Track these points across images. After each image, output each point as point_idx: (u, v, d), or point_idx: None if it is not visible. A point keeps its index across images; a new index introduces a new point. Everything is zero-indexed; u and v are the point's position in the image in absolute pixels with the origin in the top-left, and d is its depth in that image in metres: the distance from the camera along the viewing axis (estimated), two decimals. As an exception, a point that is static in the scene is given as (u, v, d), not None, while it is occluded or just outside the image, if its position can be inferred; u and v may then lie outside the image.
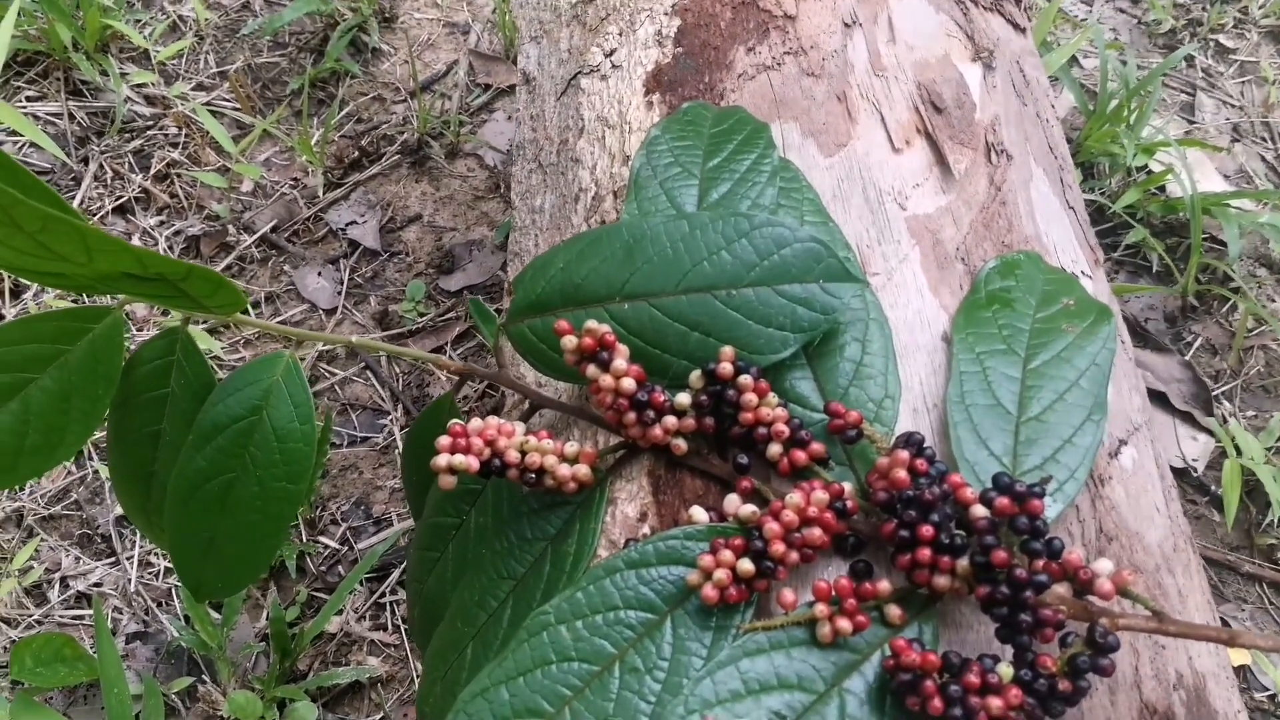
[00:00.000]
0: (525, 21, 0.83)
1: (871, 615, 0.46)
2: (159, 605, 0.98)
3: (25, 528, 1.01)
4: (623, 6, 0.72)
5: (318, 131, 1.37)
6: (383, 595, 0.99)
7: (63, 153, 1.28)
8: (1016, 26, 0.79)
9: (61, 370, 0.58)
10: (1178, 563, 0.57)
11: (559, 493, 0.51)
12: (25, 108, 1.34)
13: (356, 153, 1.37)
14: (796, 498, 0.46)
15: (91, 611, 0.95)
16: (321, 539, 1.03)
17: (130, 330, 1.17)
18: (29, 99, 1.36)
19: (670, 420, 0.50)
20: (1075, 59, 1.51)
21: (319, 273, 1.25)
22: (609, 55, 0.70)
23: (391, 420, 1.13)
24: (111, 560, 1.00)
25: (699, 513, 0.49)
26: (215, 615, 0.94)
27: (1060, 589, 0.46)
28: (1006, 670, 0.44)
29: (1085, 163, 1.36)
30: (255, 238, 1.27)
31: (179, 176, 1.31)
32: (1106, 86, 1.34)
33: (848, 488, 0.48)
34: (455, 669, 0.53)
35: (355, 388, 1.16)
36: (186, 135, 1.35)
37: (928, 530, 0.45)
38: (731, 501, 0.49)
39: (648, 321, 0.51)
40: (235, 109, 1.40)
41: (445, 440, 0.50)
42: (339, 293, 1.24)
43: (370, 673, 0.92)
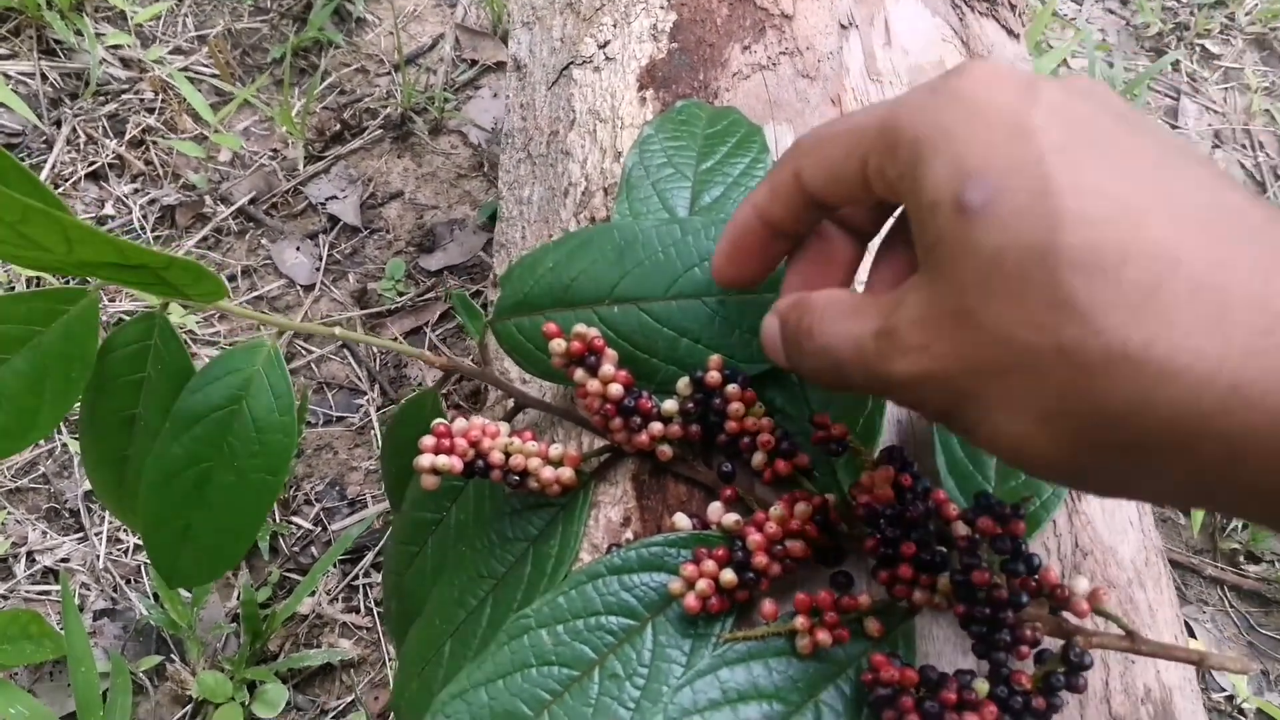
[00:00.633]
0: (517, 6, 0.82)
1: (851, 628, 0.47)
2: (127, 582, 0.97)
3: (-8, 500, 1.00)
4: (617, -3, 0.71)
5: (299, 102, 1.35)
6: (356, 578, 0.99)
7: (34, 115, 1.26)
8: (1010, 32, 0.79)
9: (35, 352, 0.57)
10: (1149, 576, 0.58)
11: (542, 494, 0.51)
12: (-3, 67, 1.31)
13: (338, 125, 1.35)
14: (780, 509, 0.46)
15: (58, 587, 0.94)
16: (295, 519, 1.02)
17: (104, 302, 1.15)
18: None
19: (656, 426, 0.50)
20: (1064, 60, 1.51)
21: (297, 248, 1.24)
22: (603, 47, 0.70)
23: (368, 400, 1.12)
24: (80, 536, 0.99)
25: (682, 520, 0.49)
26: (185, 594, 0.93)
27: (1036, 607, 0.46)
28: (983, 686, 0.45)
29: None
30: (233, 209, 1.25)
31: (155, 144, 1.29)
32: (1091, 88, 1.34)
33: (831, 499, 0.48)
34: (432, 666, 0.53)
35: (331, 366, 1.15)
36: (163, 101, 1.32)
37: (909, 547, 0.45)
38: (715, 509, 0.49)
39: (637, 326, 0.51)
40: (214, 76, 1.37)
41: (429, 440, 0.49)
42: (317, 269, 1.22)
43: (342, 655, 0.92)
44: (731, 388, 0.49)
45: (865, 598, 0.47)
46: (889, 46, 0.69)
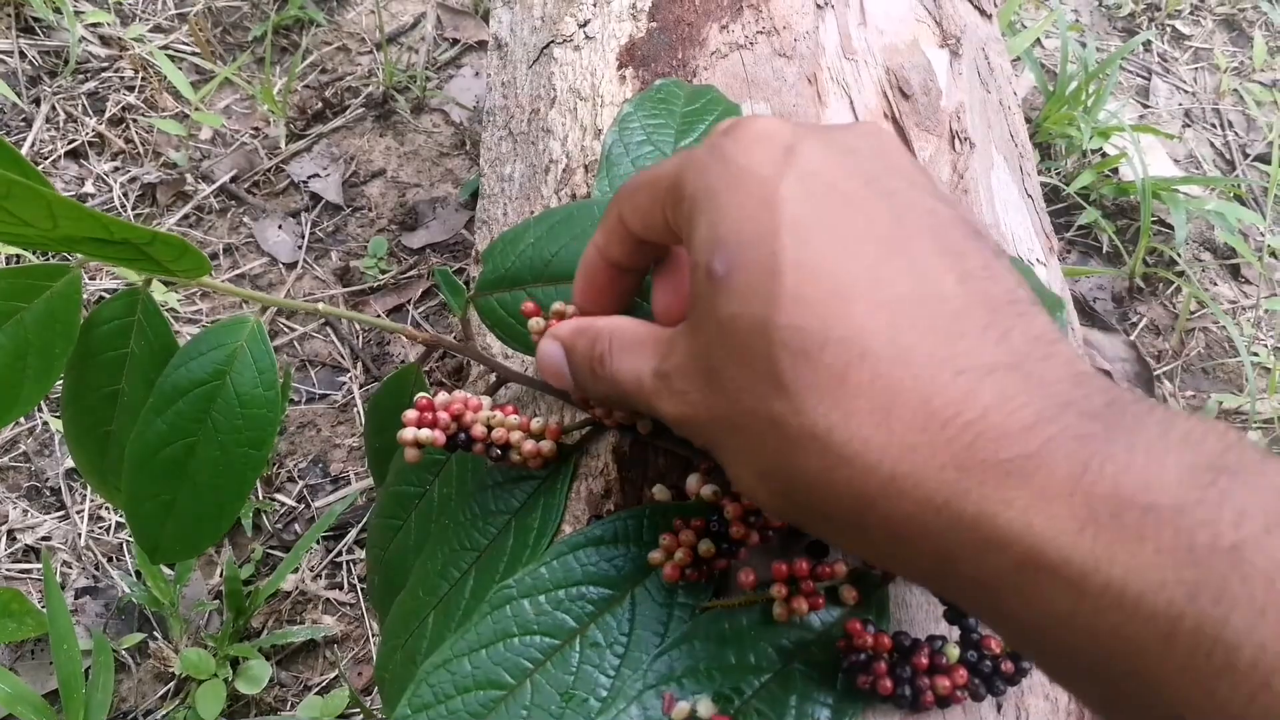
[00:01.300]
0: (497, -15, 0.82)
1: (827, 596, 0.48)
2: (109, 560, 0.97)
3: (-27, 478, 1.00)
4: (597, -24, 0.72)
5: (280, 80, 1.35)
6: (339, 554, 0.99)
7: (13, 93, 1.25)
8: (983, 12, 0.80)
9: (17, 328, 0.57)
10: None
11: (524, 467, 0.52)
12: (-28, 44, 1.30)
13: (320, 104, 1.35)
14: (757, 480, 0.47)
15: (40, 565, 0.94)
16: (278, 496, 1.02)
17: (84, 280, 1.15)
18: (-24, 35, 1.31)
19: (636, 400, 0.51)
20: (1037, 39, 1.52)
21: (279, 225, 1.24)
22: (583, 26, 0.70)
23: (350, 378, 1.12)
24: (61, 514, 0.99)
25: (662, 491, 0.50)
26: (167, 572, 0.93)
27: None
28: (953, 651, 0.46)
29: (1043, 143, 1.38)
30: (214, 187, 1.25)
31: (135, 122, 1.28)
32: (1066, 68, 1.36)
33: (807, 471, 0.49)
34: (416, 638, 0.54)
35: (314, 344, 1.15)
36: (143, 79, 1.32)
37: (883, 516, 0.46)
38: (693, 481, 0.50)
39: (616, 301, 0.52)
40: (194, 54, 1.36)
41: (412, 414, 0.50)
42: (300, 246, 1.22)
43: (325, 631, 0.92)
44: (709, 362, 0.50)
45: (841, 566, 0.48)
46: (864, 26, 0.70)
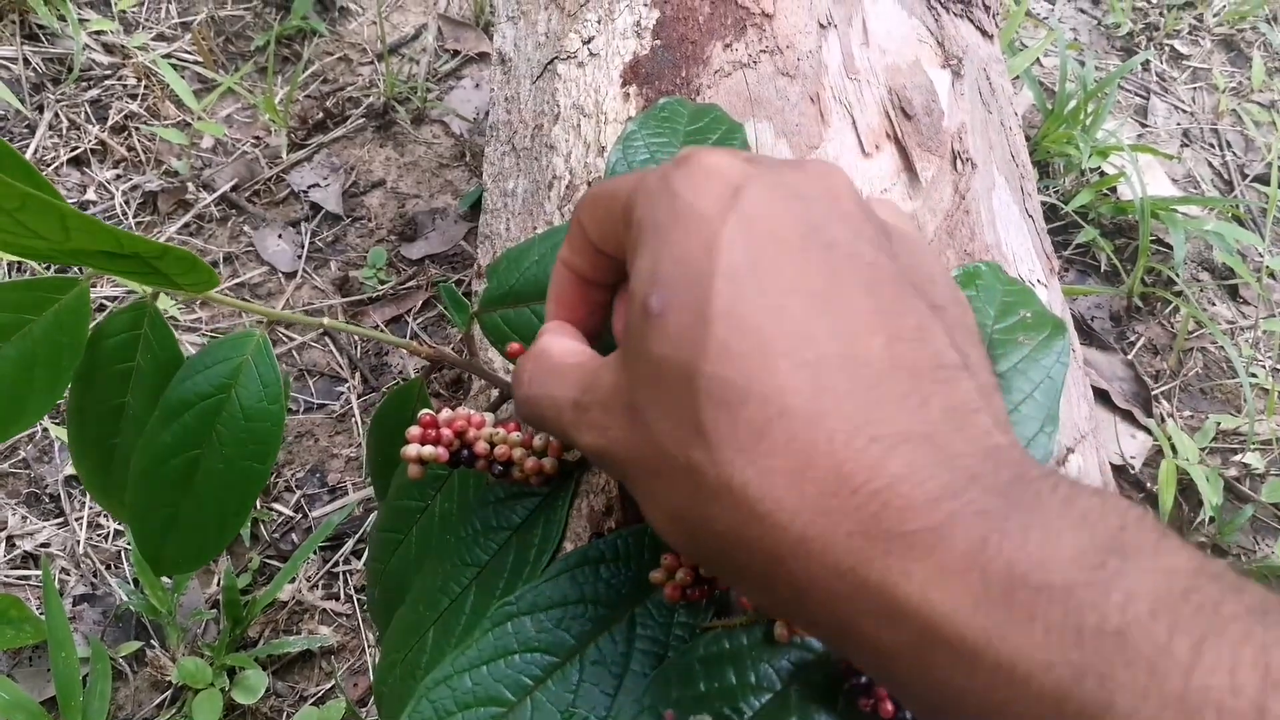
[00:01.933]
0: (502, 1, 0.83)
1: (825, 615, 0.48)
2: (108, 568, 0.97)
3: (-28, 485, 1.00)
4: (602, -6, 0.72)
5: (282, 90, 1.35)
6: (336, 564, 0.99)
7: (16, 99, 1.25)
8: (985, 33, 0.80)
9: (25, 340, 0.57)
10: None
11: (526, 484, 0.52)
12: (-24, 50, 1.30)
13: (321, 114, 1.35)
14: (758, 500, 0.48)
15: (38, 572, 0.94)
16: (275, 506, 1.03)
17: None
18: (-20, 41, 1.32)
19: (638, 418, 0.51)
20: (1038, 58, 1.53)
21: (279, 235, 1.24)
22: (587, 43, 0.71)
23: (349, 388, 1.12)
24: (60, 521, 0.99)
25: (663, 510, 0.50)
26: (165, 581, 0.93)
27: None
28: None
29: (1041, 162, 1.39)
30: (215, 196, 1.25)
31: (137, 130, 1.29)
32: (1065, 87, 1.36)
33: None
34: (415, 652, 0.54)
35: (313, 353, 1.16)
36: (146, 87, 1.32)
37: (883, 537, 0.47)
38: (695, 500, 0.50)
39: (619, 319, 0.52)
40: (197, 63, 1.37)
41: (415, 431, 0.50)
42: (299, 256, 1.22)
43: (321, 642, 0.92)
44: (712, 381, 0.50)
45: (839, 586, 0.48)
46: (866, 46, 0.70)
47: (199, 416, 0.56)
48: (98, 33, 1.35)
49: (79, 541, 0.98)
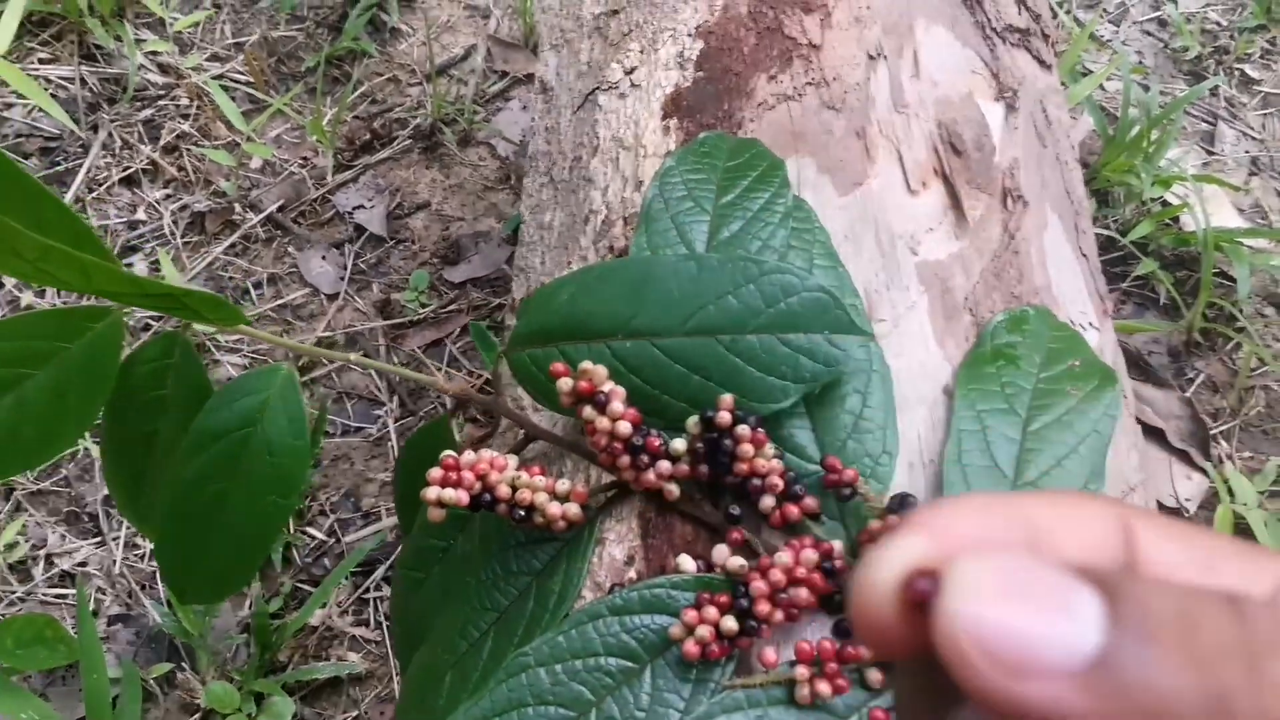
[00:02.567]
0: (546, 28, 0.82)
1: (852, 678, 0.46)
2: (142, 588, 0.98)
3: (13, 502, 1.01)
4: (645, 24, 0.71)
5: (330, 111, 1.36)
6: (367, 590, 0.99)
7: (71, 120, 1.27)
8: (1042, 63, 0.78)
9: (59, 368, 0.57)
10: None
11: (548, 529, 0.51)
12: (37, 70, 1.33)
13: (368, 135, 1.36)
14: (785, 557, 0.46)
15: (74, 591, 0.95)
16: (309, 530, 1.02)
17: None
18: (41, 61, 1.34)
19: (664, 465, 0.49)
20: (1100, 84, 1.49)
21: (323, 256, 1.24)
22: (629, 73, 0.69)
23: (386, 412, 1.12)
24: (98, 540, 1.00)
25: (687, 562, 0.49)
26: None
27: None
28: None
29: (1100, 190, 1.35)
30: (261, 217, 1.26)
31: (188, 150, 1.30)
32: (1128, 113, 1.33)
33: (837, 546, 0.47)
34: (432, 695, 0.53)
35: (352, 376, 1.16)
36: (198, 108, 1.34)
37: (917, 600, 0.44)
38: (720, 552, 0.48)
39: (649, 361, 0.51)
40: (249, 84, 1.38)
41: (436, 473, 0.49)
42: (342, 278, 1.23)
43: (350, 669, 0.92)
44: (742, 429, 0.48)
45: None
46: (917, 78, 0.68)
47: (226, 450, 0.56)
48: (153, 53, 1.37)
49: (115, 561, 0.98)
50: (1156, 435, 1.19)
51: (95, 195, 1.26)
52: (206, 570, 0.60)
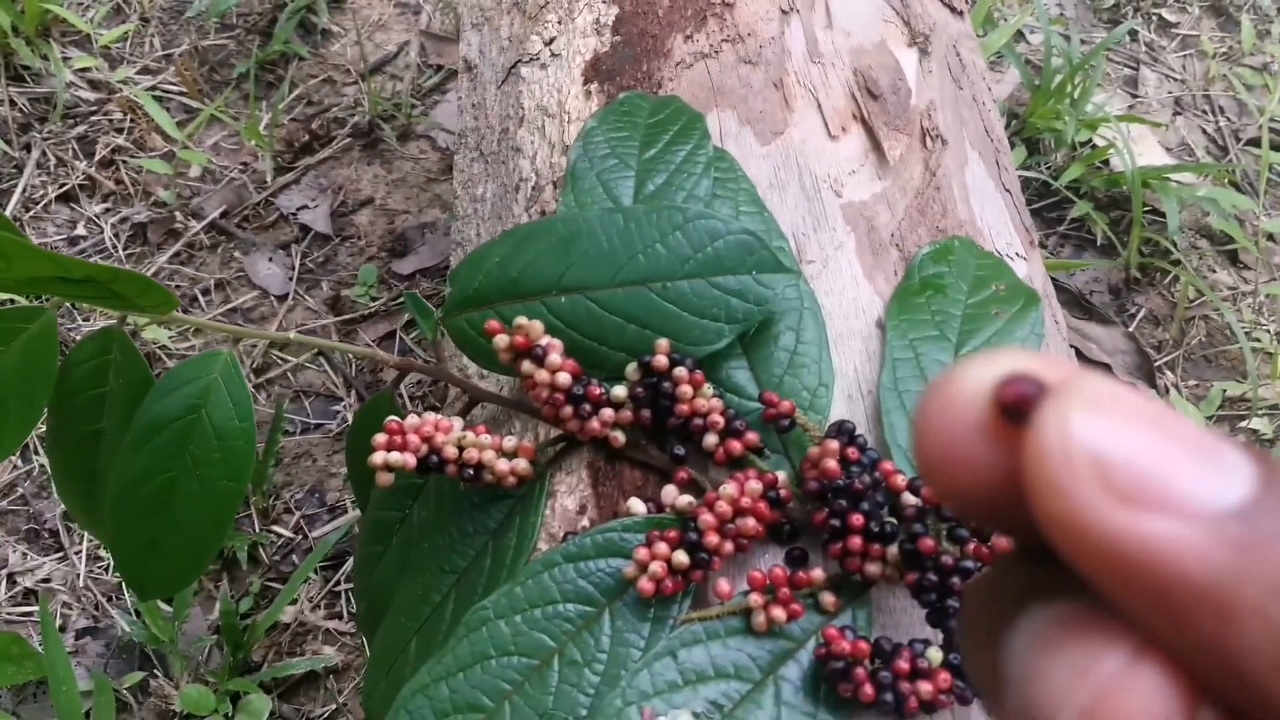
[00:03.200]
0: (466, 8, 0.83)
1: (806, 603, 0.47)
2: (109, 599, 0.97)
3: (-28, 524, 1.00)
4: (562, -7, 0.72)
5: (266, 115, 1.36)
6: (338, 584, 0.99)
7: (3, 141, 1.26)
8: (954, 10, 0.79)
9: (-5, 373, 0.57)
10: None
11: (499, 487, 0.52)
12: (-38, 94, 1.31)
13: (306, 136, 1.35)
14: (730, 488, 0.47)
15: (38, 607, 0.94)
16: (275, 528, 1.02)
17: (76, 320, 1.15)
18: (-34, 85, 1.33)
19: (607, 413, 0.50)
20: (1021, 34, 1.52)
21: (270, 258, 1.24)
22: (549, 44, 0.70)
23: (345, 407, 1.12)
24: (60, 555, 1.00)
25: (637, 504, 0.50)
26: (166, 609, 0.93)
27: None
28: (936, 654, 0.45)
29: (1030, 139, 1.38)
30: (204, 224, 1.26)
31: (124, 163, 1.29)
32: (1050, 62, 1.35)
33: (781, 476, 0.49)
34: (400, 664, 0.54)
35: (308, 374, 1.16)
36: (131, 121, 1.33)
37: (858, 519, 0.46)
38: (669, 492, 0.50)
39: (585, 315, 0.52)
40: (182, 93, 1.37)
41: (381, 438, 0.50)
42: (290, 278, 1.23)
43: (325, 662, 0.92)
44: (680, 370, 0.49)
45: (819, 573, 0.47)
46: (830, 29, 0.69)
47: (171, 438, 0.56)
48: (82, 70, 1.36)
49: (79, 575, 0.98)
50: (1104, 370, 1.22)
51: (32, 214, 1.24)
52: (163, 562, 0.60)
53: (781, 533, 0.49)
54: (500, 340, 0.49)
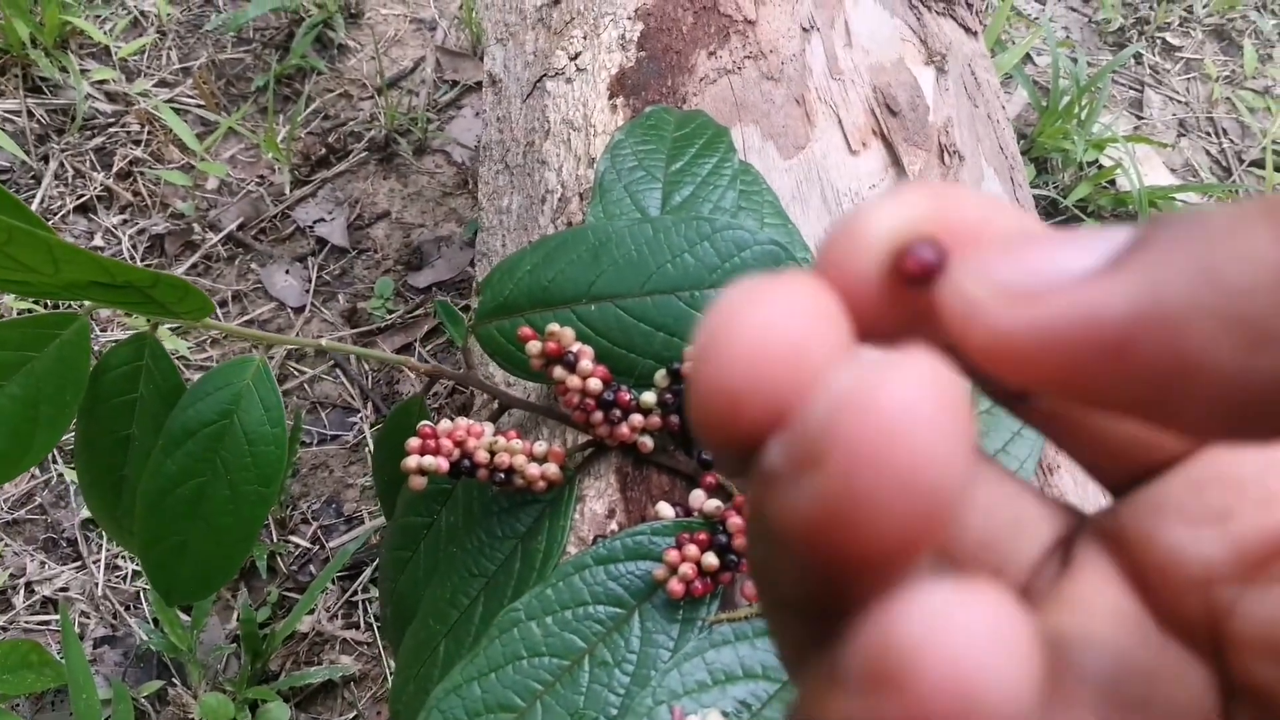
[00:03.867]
0: (491, 24, 0.84)
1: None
2: (127, 608, 0.98)
3: (-9, 531, 1.01)
4: (587, 10, 0.73)
5: (284, 128, 1.37)
6: (354, 593, 0.99)
7: (21, 151, 1.27)
8: (968, 30, 0.81)
9: (28, 377, 0.58)
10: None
11: (528, 491, 0.52)
12: (-17, 106, 1.33)
13: (323, 150, 1.37)
14: (759, 494, 0.48)
15: (58, 616, 0.95)
16: (292, 538, 1.03)
17: (95, 331, 1.16)
18: (-14, 97, 1.34)
19: (636, 419, 0.51)
20: (1029, 56, 1.53)
21: (286, 271, 1.25)
22: (574, 59, 0.71)
23: (361, 418, 1.13)
24: (78, 564, 1.00)
25: (665, 508, 0.50)
26: (184, 618, 0.94)
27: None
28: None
29: (1039, 158, 1.39)
30: (221, 236, 1.27)
31: (142, 175, 1.31)
32: (1058, 84, 1.37)
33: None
34: (428, 666, 0.55)
35: (324, 385, 1.16)
36: (149, 133, 1.34)
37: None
38: (696, 497, 0.50)
39: (614, 322, 0.53)
40: (199, 106, 1.39)
41: (415, 442, 0.51)
42: (307, 290, 1.24)
43: (343, 671, 0.92)
44: (707, 379, 0.50)
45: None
46: (850, 47, 0.71)
47: (203, 443, 0.57)
48: (100, 82, 1.38)
49: (98, 584, 0.98)
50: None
51: (51, 224, 1.25)
52: (192, 567, 0.60)
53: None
54: (533, 346, 0.50)
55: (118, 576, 1.00)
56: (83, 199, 1.28)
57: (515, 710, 0.47)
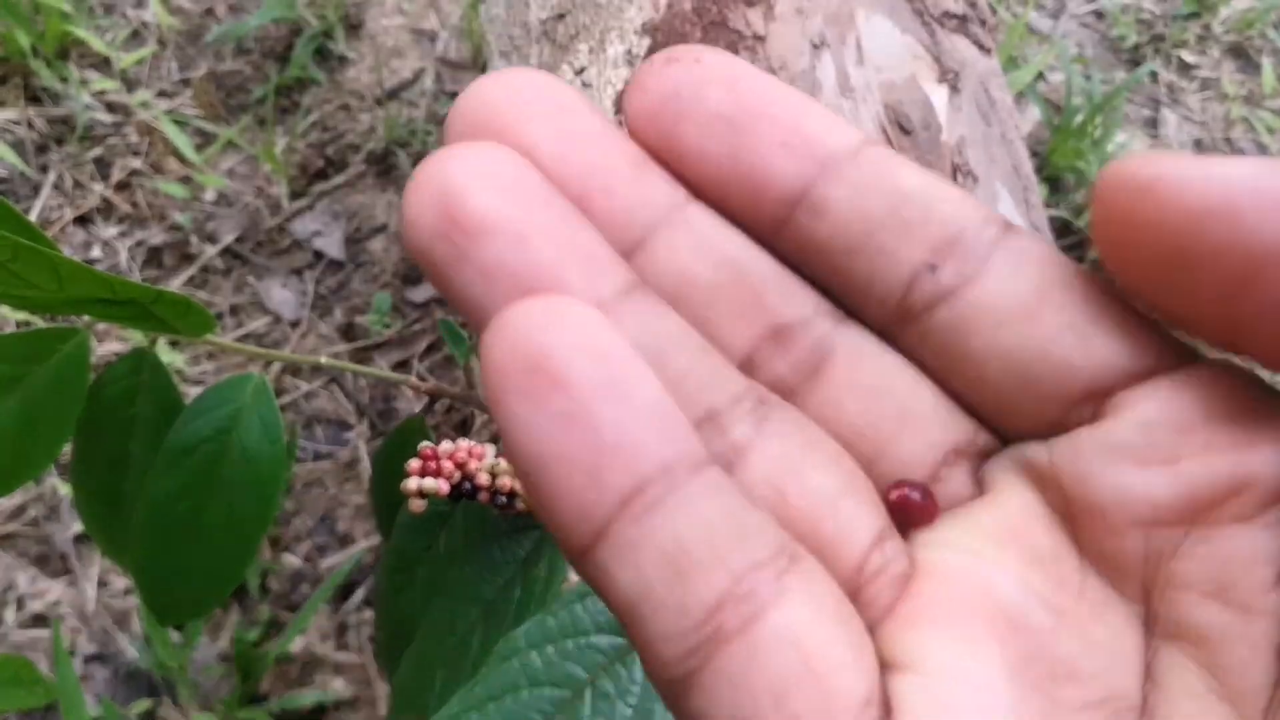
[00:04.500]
0: (494, 36, 0.83)
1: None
2: (118, 626, 0.96)
3: (-19, 546, 1.00)
4: (592, 25, 0.72)
5: (283, 140, 1.36)
6: (347, 615, 0.98)
7: (21, 161, 1.26)
8: (982, 48, 0.80)
9: (27, 392, 0.57)
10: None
11: (530, 516, 0.51)
12: (-19, 115, 1.32)
13: (322, 162, 1.36)
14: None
15: (49, 632, 0.93)
16: (285, 556, 1.01)
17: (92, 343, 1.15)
18: (-15, 106, 1.33)
19: (642, 443, 0.50)
20: (1042, 74, 1.53)
21: (283, 284, 1.24)
22: (579, 74, 0.70)
23: (357, 434, 1.12)
24: (69, 579, 0.99)
25: (671, 536, 0.49)
26: (175, 636, 0.92)
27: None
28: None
29: (1052, 177, 1.38)
30: (218, 248, 1.26)
31: (141, 186, 1.30)
32: (1071, 102, 1.36)
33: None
34: (425, 693, 0.53)
35: (320, 401, 1.15)
36: (149, 144, 1.33)
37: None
38: (703, 525, 0.49)
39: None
40: (199, 117, 1.38)
41: (415, 463, 0.49)
42: (304, 304, 1.22)
43: (334, 695, 0.91)
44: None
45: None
46: (861, 64, 0.70)
47: (200, 461, 0.56)
48: (100, 92, 1.37)
49: (89, 600, 0.97)
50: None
51: (50, 235, 1.24)
52: (188, 586, 0.59)
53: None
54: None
55: (109, 593, 0.98)
56: (81, 210, 1.27)
57: (515, 743, 0.45)
